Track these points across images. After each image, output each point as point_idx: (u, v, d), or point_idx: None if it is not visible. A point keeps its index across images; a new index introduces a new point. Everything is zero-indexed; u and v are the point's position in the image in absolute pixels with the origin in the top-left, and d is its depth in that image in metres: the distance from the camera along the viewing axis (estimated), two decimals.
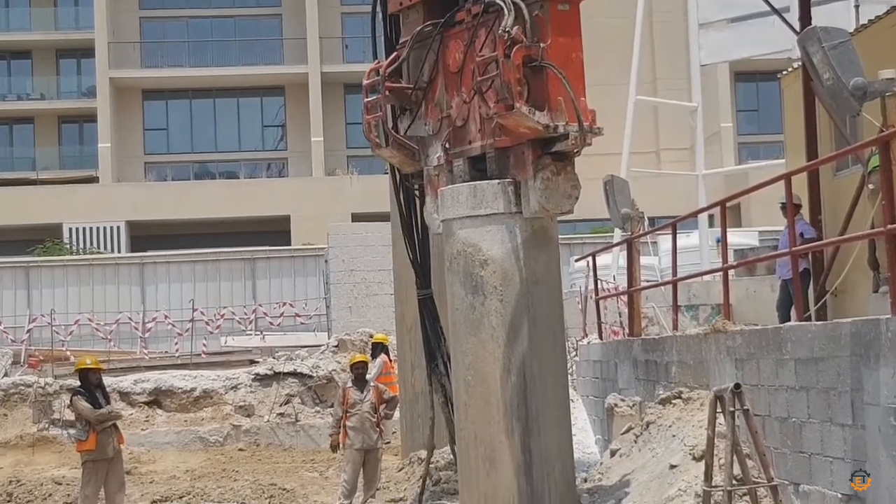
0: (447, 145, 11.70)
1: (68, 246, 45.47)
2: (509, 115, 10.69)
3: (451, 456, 13.15)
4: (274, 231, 47.05)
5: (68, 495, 16.43)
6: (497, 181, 11.24)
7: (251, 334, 32.85)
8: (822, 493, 8.81)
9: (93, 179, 51.33)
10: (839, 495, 8.54)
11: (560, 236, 12.31)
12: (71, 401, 14.19)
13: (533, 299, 11.28)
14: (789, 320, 12.85)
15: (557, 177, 10.99)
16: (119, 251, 45.43)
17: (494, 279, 11.26)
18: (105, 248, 46.58)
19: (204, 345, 31.25)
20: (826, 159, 12.70)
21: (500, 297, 11.23)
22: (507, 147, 11.18)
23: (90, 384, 13.83)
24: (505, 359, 11.18)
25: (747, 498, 8.73)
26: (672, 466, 10.87)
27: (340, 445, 14.65)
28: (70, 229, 47.10)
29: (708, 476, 8.00)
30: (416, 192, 12.75)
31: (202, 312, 32.65)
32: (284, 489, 16.76)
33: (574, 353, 20.12)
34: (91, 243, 46.86)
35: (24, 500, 16.78)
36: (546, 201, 10.97)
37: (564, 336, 11.94)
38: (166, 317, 33.33)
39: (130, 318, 33.69)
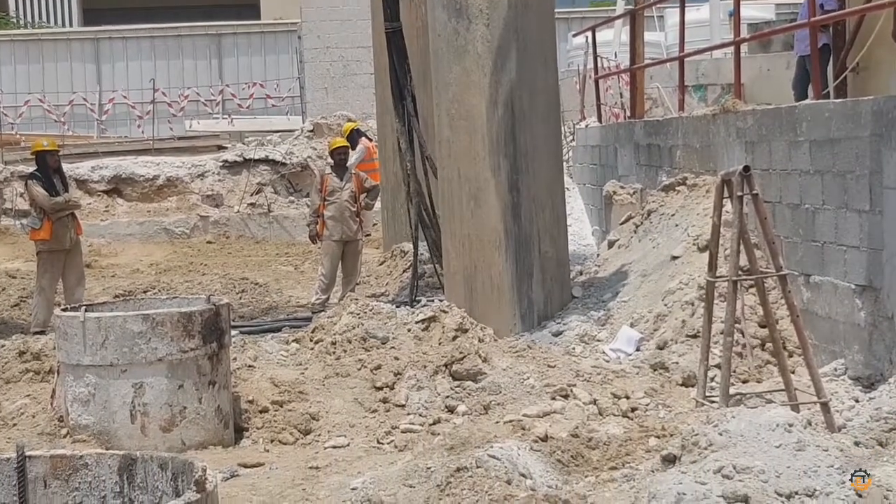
0: None
1: (14, 20, 44.71)
2: None
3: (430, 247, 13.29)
4: (241, 4, 46.18)
5: (23, 289, 16.57)
6: None
7: (218, 118, 32.67)
8: (835, 285, 8.92)
9: None
10: (852, 286, 8.64)
11: (556, 10, 12.12)
12: (26, 185, 14.13)
13: (522, 24, 11.15)
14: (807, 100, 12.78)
15: None
16: (71, 25, 44.68)
17: (480, 1, 11.11)
18: (56, 22, 45.81)
19: (170, 128, 31.10)
20: None
21: (486, 21, 11.11)
22: None
23: (48, 168, 13.74)
24: (491, 90, 11.14)
25: (754, 290, 8.83)
26: (674, 257, 10.99)
27: (317, 237, 14.72)
28: (16, 1, 46.22)
29: (712, 266, 8.06)
30: None
31: (164, 93, 32.35)
32: (257, 283, 16.94)
33: (570, 137, 20.08)
34: (40, 17, 46.04)
35: None
36: None
37: (556, 67, 11.85)
38: (125, 98, 33.05)
39: (85, 100, 33.41)
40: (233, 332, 10.02)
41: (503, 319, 11.17)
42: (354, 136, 18.94)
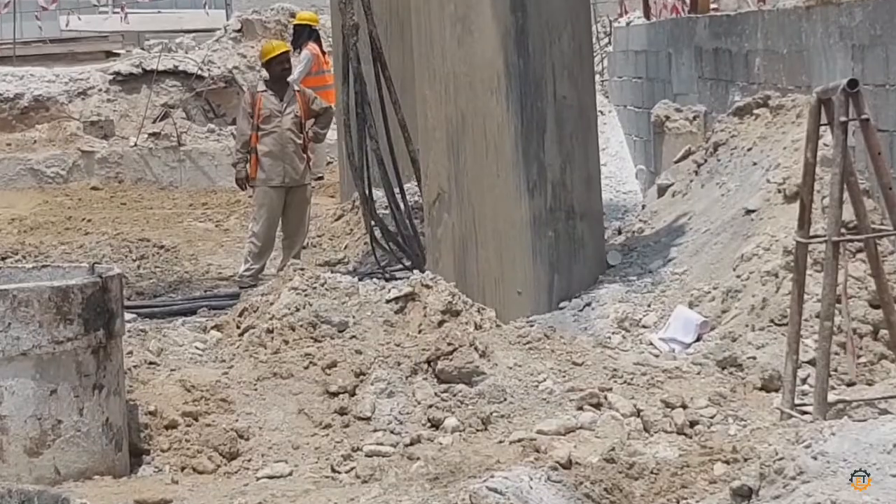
0: None
1: None
2: None
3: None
4: None
5: None
6: None
7: (107, 12, 32.64)
8: None
9: None
10: None
11: None
12: None
13: None
14: None
15: None
16: None
17: None
18: None
19: (39, 27, 31.07)
20: None
21: None
22: None
23: None
24: None
25: (863, 255, 8.85)
26: (749, 211, 10.99)
27: (248, 180, 14.71)
28: None
29: (804, 222, 8.08)
30: None
31: None
32: (161, 247, 16.95)
33: (606, 39, 20.08)
34: None
35: None
36: None
37: None
38: None
39: None
40: (128, 316, 10.02)
41: (502, 191, 11.13)
42: (302, 37, 18.88)
